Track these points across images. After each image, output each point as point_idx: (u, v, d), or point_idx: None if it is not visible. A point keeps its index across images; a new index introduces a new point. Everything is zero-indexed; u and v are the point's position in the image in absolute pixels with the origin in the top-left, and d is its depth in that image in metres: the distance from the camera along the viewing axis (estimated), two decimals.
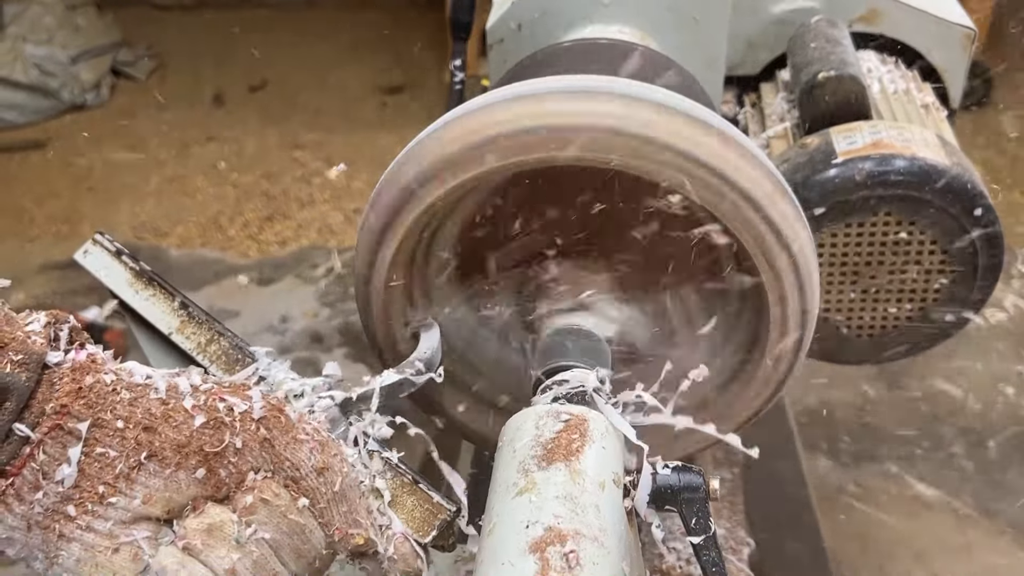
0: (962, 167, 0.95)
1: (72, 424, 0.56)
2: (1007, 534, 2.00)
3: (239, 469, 0.59)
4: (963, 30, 1.16)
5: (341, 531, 0.61)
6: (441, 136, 0.70)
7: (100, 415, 0.56)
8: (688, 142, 0.67)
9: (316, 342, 2.71)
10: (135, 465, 0.56)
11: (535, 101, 0.68)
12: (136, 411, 0.57)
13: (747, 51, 1.22)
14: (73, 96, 4.21)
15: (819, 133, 1.01)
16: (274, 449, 0.60)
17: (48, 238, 3.32)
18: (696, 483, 0.63)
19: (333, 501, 0.61)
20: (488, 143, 0.68)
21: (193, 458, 0.58)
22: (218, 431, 0.58)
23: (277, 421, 0.60)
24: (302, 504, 0.60)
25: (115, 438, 0.56)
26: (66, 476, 0.55)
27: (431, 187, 0.70)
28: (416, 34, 4.57)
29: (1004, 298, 1.77)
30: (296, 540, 0.60)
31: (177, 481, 0.57)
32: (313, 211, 3.39)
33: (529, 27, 1.14)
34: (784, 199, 0.70)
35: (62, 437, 0.55)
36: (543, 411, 0.66)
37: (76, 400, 0.56)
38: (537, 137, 0.67)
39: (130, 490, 0.56)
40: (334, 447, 0.62)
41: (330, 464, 0.61)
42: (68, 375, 0.57)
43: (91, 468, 0.56)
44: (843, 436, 2.27)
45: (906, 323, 1.03)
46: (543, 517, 0.57)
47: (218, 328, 0.72)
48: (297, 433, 0.61)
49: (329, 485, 0.61)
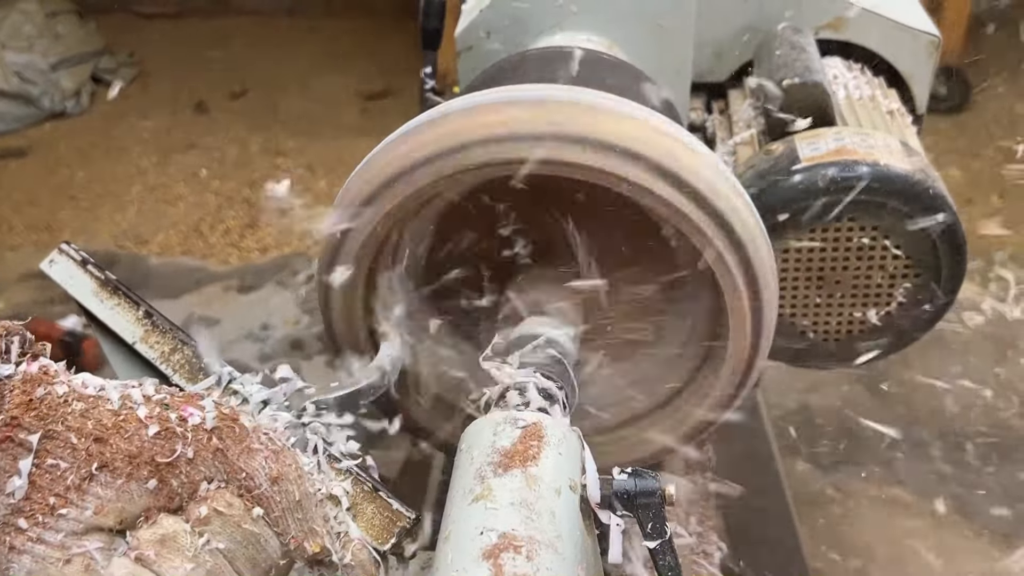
0: (924, 173, 0.96)
1: (23, 436, 0.55)
2: (984, 536, 2.01)
3: (191, 479, 0.59)
4: (928, 37, 1.17)
5: (297, 540, 0.61)
6: (385, 153, 0.72)
7: (51, 426, 0.56)
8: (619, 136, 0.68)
9: (297, 349, 2.71)
10: (86, 476, 0.56)
11: (462, 116, 0.70)
12: (88, 422, 0.57)
13: (715, 58, 1.22)
14: (53, 104, 4.19)
15: (784, 140, 1.02)
16: (227, 459, 0.60)
17: (28, 247, 3.30)
18: (652, 487, 0.63)
19: (288, 510, 0.61)
20: (420, 163, 0.70)
21: (144, 468, 0.58)
22: (169, 441, 0.58)
23: (231, 431, 0.60)
24: (256, 514, 0.60)
25: (66, 449, 0.56)
26: (16, 488, 0.55)
27: (382, 200, 0.71)
28: (396, 40, 4.58)
29: (982, 301, 1.77)
30: (251, 550, 0.60)
31: (129, 492, 0.57)
32: (294, 218, 3.38)
33: (498, 35, 1.15)
34: (730, 191, 0.71)
35: (12, 449, 0.55)
36: (501, 418, 0.66)
37: (27, 412, 0.56)
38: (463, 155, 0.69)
39: (81, 501, 0.56)
40: (289, 456, 0.62)
41: (284, 473, 0.61)
42: (19, 387, 0.57)
43: (42, 480, 0.56)
44: (822, 439, 2.28)
45: (872, 327, 1.04)
46: (498, 524, 0.58)
47: (181, 337, 0.72)
48: (251, 443, 0.61)
49: (284, 494, 0.61)
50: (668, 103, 0.97)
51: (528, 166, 0.69)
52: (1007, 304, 1.71)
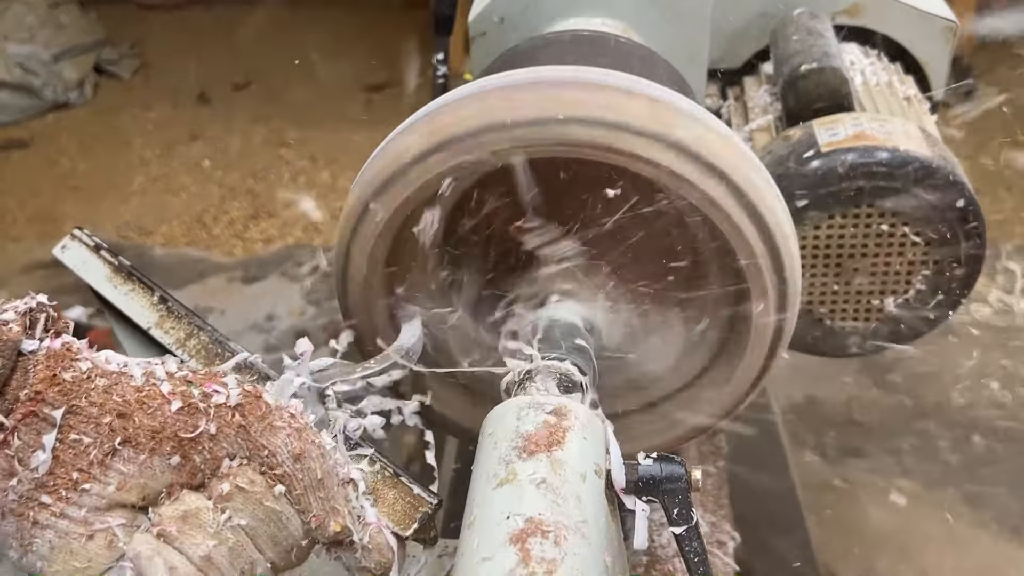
0: (944, 159, 0.95)
1: (46, 411, 0.56)
2: (992, 527, 2.00)
3: (214, 455, 0.59)
4: (945, 22, 1.16)
5: (319, 518, 0.61)
6: (407, 133, 0.71)
7: (74, 402, 0.56)
8: (659, 123, 0.67)
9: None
10: (109, 451, 0.56)
11: (482, 98, 0.69)
12: (111, 398, 0.57)
13: (730, 44, 1.22)
14: (56, 95, 4.18)
15: (802, 125, 1.01)
16: (250, 435, 0.59)
17: (31, 237, 3.29)
18: (678, 473, 0.63)
19: (310, 487, 0.60)
20: (443, 144, 0.68)
21: (167, 444, 0.57)
22: (192, 417, 0.58)
23: (253, 408, 0.60)
24: (278, 491, 0.59)
25: (89, 424, 0.56)
26: (40, 463, 0.55)
27: (402, 183, 0.69)
28: (400, 31, 4.56)
29: (988, 293, 1.77)
30: (272, 527, 0.60)
31: (152, 467, 0.57)
32: (298, 209, 3.37)
33: (512, 20, 1.14)
34: (756, 173, 0.70)
35: (36, 424, 0.55)
36: (525, 402, 0.65)
37: (51, 387, 0.56)
38: (489, 136, 0.67)
39: (104, 476, 0.56)
40: (311, 434, 0.62)
41: (306, 451, 0.60)
42: (43, 362, 0.57)
43: (65, 455, 0.56)
44: (829, 431, 2.27)
45: (890, 315, 1.03)
46: (524, 508, 0.57)
47: (197, 323, 0.71)
48: (273, 420, 0.60)
49: (306, 471, 0.60)
50: (690, 89, 0.97)
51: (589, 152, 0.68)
52: (1014, 296, 1.71)
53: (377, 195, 0.71)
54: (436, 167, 0.69)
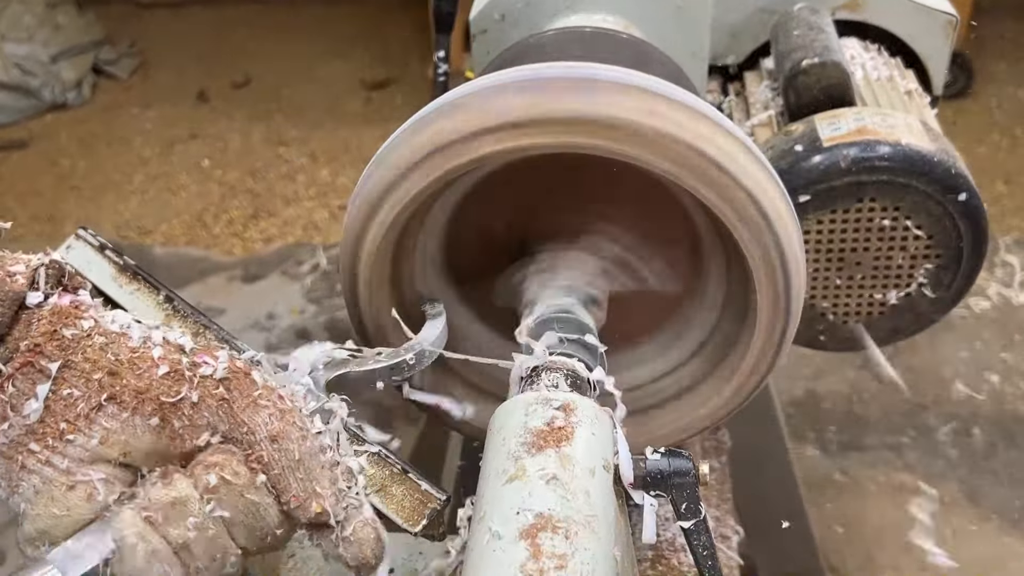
0: (946, 152, 0.96)
1: (43, 363, 0.59)
2: (992, 520, 2.01)
3: (193, 423, 0.60)
4: (945, 16, 1.16)
5: (298, 499, 0.61)
6: (411, 134, 0.70)
7: (71, 357, 0.59)
8: (660, 119, 0.67)
9: (303, 339, 2.70)
10: (95, 406, 0.59)
11: (488, 96, 0.68)
12: (105, 355, 0.60)
13: (731, 40, 1.22)
14: (54, 95, 4.17)
15: (803, 120, 1.01)
16: (232, 410, 0.61)
17: (31, 237, 3.29)
18: (686, 467, 0.63)
19: (289, 468, 0.61)
20: (447, 145, 0.68)
21: (149, 405, 0.60)
22: (177, 383, 0.60)
23: (240, 384, 0.62)
24: (260, 481, 0.60)
25: (81, 379, 0.59)
26: (32, 411, 0.58)
27: (408, 182, 0.70)
28: (399, 29, 4.56)
29: (988, 287, 1.78)
30: (250, 518, 0.61)
31: (133, 426, 0.60)
32: (298, 208, 3.38)
33: (512, 17, 1.14)
34: (757, 166, 0.70)
35: (32, 374, 0.59)
36: (532, 398, 0.65)
37: (50, 341, 0.59)
38: (493, 135, 0.67)
39: (89, 429, 0.59)
40: (295, 416, 0.62)
41: (286, 432, 0.61)
42: (46, 317, 0.60)
43: (56, 406, 0.59)
44: (830, 425, 2.28)
45: (892, 309, 1.03)
46: (534, 504, 0.57)
47: (203, 321, 0.71)
48: (259, 398, 0.62)
49: (283, 452, 0.61)
50: (693, 85, 0.97)
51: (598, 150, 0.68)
52: (1013, 289, 1.71)
53: (380, 200, 0.71)
54: (435, 170, 0.69)
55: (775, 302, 0.73)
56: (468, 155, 0.68)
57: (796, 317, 0.76)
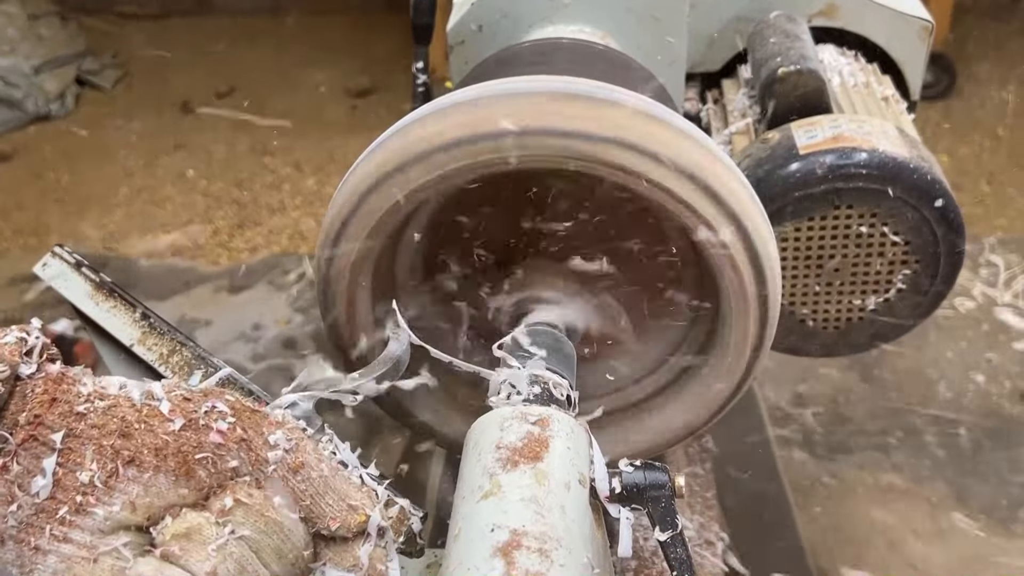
0: (922, 158, 0.96)
1: (46, 435, 0.56)
2: (980, 520, 2.02)
3: (219, 469, 0.59)
4: (920, 22, 1.17)
5: (336, 520, 0.61)
6: (382, 148, 0.71)
7: (74, 424, 0.57)
8: (635, 133, 0.67)
9: (289, 348, 2.69)
10: (112, 472, 0.56)
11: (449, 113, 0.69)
12: (111, 419, 0.57)
13: (708, 48, 1.22)
14: (38, 107, 4.15)
15: (780, 128, 1.02)
16: (251, 448, 0.60)
17: (16, 251, 3.28)
18: (661, 480, 0.63)
19: (318, 495, 0.61)
20: (418, 158, 0.69)
21: (171, 460, 0.58)
22: (196, 433, 0.59)
23: (252, 421, 0.61)
24: (277, 502, 0.60)
25: (90, 446, 0.56)
26: (41, 488, 0.55)
27: (381, 193, 0.70)
28: (383, 37, 4.56)
29: (972, 287, 1.78)
30: (276, 539, 0.59)
31: (157, 485, 0.57)
32: (284, 217, 3.37)
33: (490, 28, 1.14)
34: (734, 178, 0.70)
35: (36, 448, 0.56)
36: (508, 413, 0.65)
37: (50, 410, 0.56)
38: (460, 150, 0.68)
39: (108, 498, 0.56)
40: (309, 444, 0.62)
41: (305, 461, 0.61)
42: (41, 386, 0.57)
43: (67, 478, 0.56)
44: (817, 428, 2.28)
45: (871, 314, 1.04)
46: (509, 521, 0.57)
47: (180, 339, 0.71)
48: (271, 433, 0.61)
49: (308, 482, 0.60)
50: (667, 94, 0.97)
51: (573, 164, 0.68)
52: (997, 289, 1.72)
53: (354, 211, 0.71)
54: (410, 183, 0.69)
55: (751, 309, 0.73)
56: (437, 170, 0.69)
57: (773, 324, 0.76)
